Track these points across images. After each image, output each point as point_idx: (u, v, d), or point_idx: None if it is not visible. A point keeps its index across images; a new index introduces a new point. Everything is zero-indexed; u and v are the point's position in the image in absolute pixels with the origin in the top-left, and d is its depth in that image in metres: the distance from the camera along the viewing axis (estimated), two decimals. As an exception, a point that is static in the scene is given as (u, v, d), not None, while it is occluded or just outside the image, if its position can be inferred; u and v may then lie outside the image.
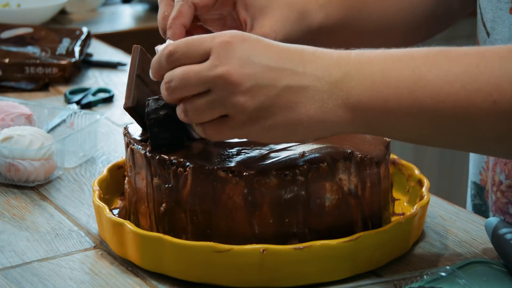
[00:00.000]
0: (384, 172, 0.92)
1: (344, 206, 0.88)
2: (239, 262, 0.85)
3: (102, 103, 1.44)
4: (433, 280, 0.84)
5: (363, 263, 0.89)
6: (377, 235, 0.88)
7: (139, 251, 0.89)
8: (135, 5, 2.30)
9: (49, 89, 1.52)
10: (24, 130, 1.12)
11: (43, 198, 1.08)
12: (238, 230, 0.87)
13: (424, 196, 0.96)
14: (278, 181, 0.86)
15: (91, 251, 0.95)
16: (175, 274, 0.88)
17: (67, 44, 1.62)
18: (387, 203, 0.94)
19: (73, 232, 0.99)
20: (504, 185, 1.01)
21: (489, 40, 1.00)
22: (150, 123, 0.90)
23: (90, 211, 1.04)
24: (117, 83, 1.55)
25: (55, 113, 1.30)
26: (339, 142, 0.92)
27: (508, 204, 1.01)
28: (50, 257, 0.94)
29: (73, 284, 0.88)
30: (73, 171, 1.16)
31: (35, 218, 1.02)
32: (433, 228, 0.99)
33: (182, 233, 0.89)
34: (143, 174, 0.92)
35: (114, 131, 1.31)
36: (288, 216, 0.87)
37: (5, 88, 1.52)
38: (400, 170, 1.03)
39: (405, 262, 0.92)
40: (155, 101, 0.91)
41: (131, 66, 0.96)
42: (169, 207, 0.89)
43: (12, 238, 0.98)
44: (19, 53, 1.57)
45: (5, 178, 1.11)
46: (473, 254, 0.93)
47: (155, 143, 0.90)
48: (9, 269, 0.91)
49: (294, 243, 0.86)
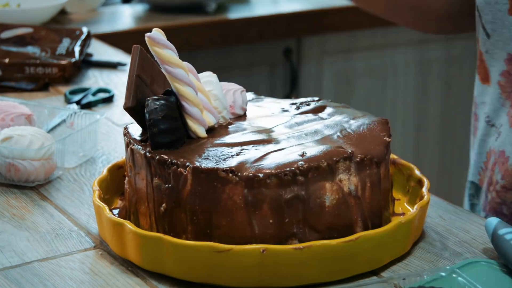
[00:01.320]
0: (384, 172, 0.93)
1: (344, 206, 0.88)
2: (239, 262, 0.85)
3: (102, 103, 1.44)
4: (433, 280, 0.84)
5: (363, 263, 0.89)
6: (377, 235, 0.88)
7: (139, 251, 0.89)
8: (135, 5, 2.30)
9: (49, 89, 1.52)
10: (24, 130, 1.12)
11: (43, 198, 1.08)
12: (238, 230, 0.87)
13: (424, 196, 0.96)
14: (278, 181, 0.86)
15: (91, 251, 0.95)
16: (175, 274, 0.88)
17: (67, 44, 1.62)
18: (387, 203, 0.94)
19: (73, 232, 0.99)
20: (499, 185, 1.02)
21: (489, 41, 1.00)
22: (150, 123, 0.90)
23: (90, 211, 1.04)
24: (117, 83, 1.55)
25: (55, 113, 1.30)
26: (339, 142, 0.92)
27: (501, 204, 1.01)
28: (50, 257, 0.94)
29: (73, 284, 0.88)
30: (73, 171, 1.16)
31: (35, 218, 1.02)
32: (433, 228, 0.99)
33: (182, 233, 0.89)
34: (143, 174, 0.92)
35: (114, 131, 1.31)
36: (288, 216, 0.87)
37: (5, 88, 1.52)
38: (400, 170, 1.03)
39: (405, 262, 0.92)
40: (155, 101, 0.91)
41: (131, 66, 0.96)
42: (169, 207, 0.89)
43: (12, 238, 0.98)
44: (19, 53, 1.57)
45: (5, 178, 1.11)
46: (473, 254, 0.93)
47: (155, 143, 0.90)
48: (9, 269, 0.91)
49: (294, 243, 0.86)
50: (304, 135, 0.94)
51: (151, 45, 0.90)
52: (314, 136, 0.94)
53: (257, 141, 0.93)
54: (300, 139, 0.93)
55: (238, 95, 1.02)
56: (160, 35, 0.91)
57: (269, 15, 2.19)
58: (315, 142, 0.92)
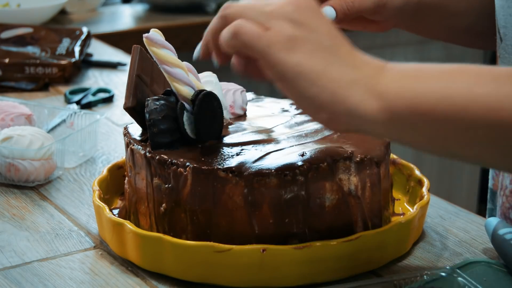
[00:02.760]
0: (384, 172, 0.93)
1: (344, 206, 0.88)
2: (239, 262, 0.85)
3: (102, 103, 1.44)
4: (433, 280, 0.84)
5: (363, 263, 0.89)
6: (377, 235, 0.88)
7: (139, 251, 0.89)
8: (135, 5, 2.30)
9: (49, 89, 1.52)
10: (24, 130, 1.12)
11: (43, 198, 1.08)
12: (238, 230, 0.87)
13: (424, 196, 0.96)
14: (278, 181, 0.86)
15: (91, 251, 0.95)
16: (175, 274, 0.88)
17: (67, 44, 1.62)
18: (387, 203, 0.94)
19: (73, 232, 0.99)
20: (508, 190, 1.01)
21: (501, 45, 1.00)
22: (150, 123, 0.90)
23: (90, 211, 1.04)
24: (117, 83, 1.55)
25: (55, 113, 1.30)
26: (339, 142, 0.92)
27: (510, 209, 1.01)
28: (50, 257, 0.94)
29: (73, 284, 0.88)
30: (73, 171, 1.16)
31: (35, 218, 1.02)
32: (433, 228, 0.99)
33: (182, 233, 0.89)
34: (143, 174, 0.92)
35: (114, 131, 1.31)
36: (288, 216, 0.87)
37: (5, 88, 1.52)
38: (400, 170, 1.03)
39: (405, 262, 0.92)
40: (155, 101, 0.91)
41: (130, 66, 0.96)
42: (169, 207, 0.89)
43: (12, 238, 0.98)
44: (19, 53, 1.57)
45: (5, 178, 1.11)
46: (473, 254, 0.93)
47: (155, 143, 0.90)
48: (9, 269, 0.91)
49: (294, 243, 0.86)
50: (304, 135, 0.94)
51: (149, 45, 0.90)
52: (314, 136, 0.94)
53: (257, 141, 0.93)
54: (300, 139, 0.93)
55: (238, 95, 1.02)
56: (158, 35, 0.91)
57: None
58: (315, 142, 0.92)
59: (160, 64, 0.91)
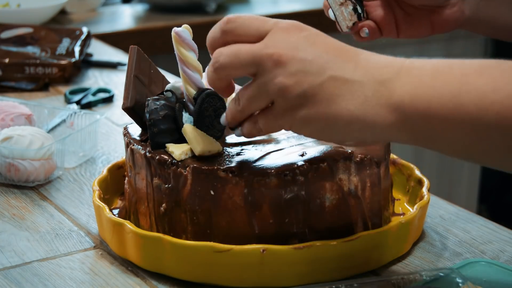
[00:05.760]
0: (384, 172, 0.92)
1: (344, 206, 0.88)
2: (239, 262, 0.85)
3: (102, 103, 1.44)
4: (432, 280, 0.84)
5: (363, 263, 0.89)
6: (377, 235, 0.88)
7: (139, 251, 0.89)
8: (135, 5, 2.30)
9: (49, 89, 1.52)
10: (24, 130, 1.12)
11: (43, 198, 1.08)
12: (238, 230, 0.87)
13: (424, 196, 0.96)
14: (278, 181, 0.86)
15: (91, 251, 0.95)
16: (175, 274, 0.88)
17: (67, 44, 1.62)
18: (387, 203, 0.94)
19: (73, 232, 0.99)
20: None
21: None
22: (150, 123, 0.90)
23: (90, 211, 1.04)
24: (117, 83, 1.55)
25: (55, 113, 1.30)
26: (339, 142, 0.92)
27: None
28: (50, 257, 0.94)
29: (73, 284, 0.88)
30: (73, 171, 1.16)
31: (35, 218, 1.03)
32: (433, 228, 0.99)
33: (182, 233, 0.89)
34: (143, 174, 0.92)
35: (114, 131, 1.31)
36: (288, 216, 0.87)
37: (5, 88, 1.52)
38: (400, 170, 1.03)
39: (405, 262, 0.92)
40: (155, 101, 0.91)
41: (128, 66, 0.96)
42: (169, 207, 0.89)
43: (12, 238, 0.98)
44: (19, 53, 1.57)
45: (5, 178, 1.11)
46: (473, 254, 0.93)
47: (155, 143, 0.90)
48: (9, 269, 0.91)
49: (294, 243, 0.86)
50: (304, 135, 0.94)
51: (176, 43, 0.89)
52: (314, 136, 0.94)
53: (257, 141, 0.93)
54: (300, 139, 0.93)
55: (238, 95, 1.02)
56: (188, 33, 0.90)
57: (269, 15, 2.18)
58: (315, 142, 0.92)
59: (181, 63, 0.90)
